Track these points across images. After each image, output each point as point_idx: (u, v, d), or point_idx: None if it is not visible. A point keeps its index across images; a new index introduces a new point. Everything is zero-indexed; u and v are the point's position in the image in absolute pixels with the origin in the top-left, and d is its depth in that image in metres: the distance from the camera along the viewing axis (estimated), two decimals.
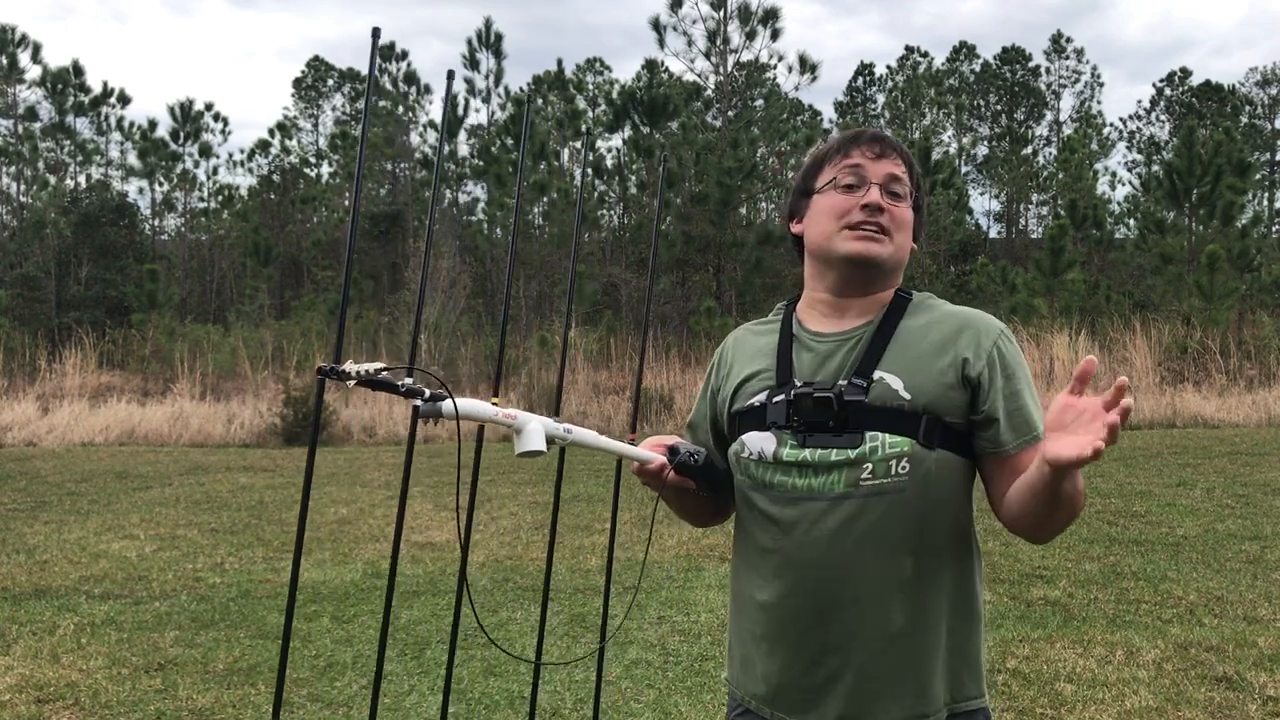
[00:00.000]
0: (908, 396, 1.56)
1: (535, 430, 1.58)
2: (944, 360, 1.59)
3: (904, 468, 1.54)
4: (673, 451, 1.69)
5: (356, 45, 76.17)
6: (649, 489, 1.72)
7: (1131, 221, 27.59)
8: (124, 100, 34.42)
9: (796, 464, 1.60)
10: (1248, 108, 43.99)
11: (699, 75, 25.82)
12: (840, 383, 1.59)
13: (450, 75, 1.74)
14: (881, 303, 1.67)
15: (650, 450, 1.70)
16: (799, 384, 1.63)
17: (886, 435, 1.55)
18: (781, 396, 1.62)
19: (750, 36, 24.56)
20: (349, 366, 1.40)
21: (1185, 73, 47.10)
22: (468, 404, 1.51)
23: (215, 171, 44.74)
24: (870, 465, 1.55)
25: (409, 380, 1.46)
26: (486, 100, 29.13)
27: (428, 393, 1.48)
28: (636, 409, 2.05)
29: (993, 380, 1.59)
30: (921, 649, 1.57)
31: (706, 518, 1.87)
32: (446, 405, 1.47)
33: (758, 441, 1.65)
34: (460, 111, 28.07)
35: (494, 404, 1.58)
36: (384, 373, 1.42)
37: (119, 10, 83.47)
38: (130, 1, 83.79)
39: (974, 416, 1.59)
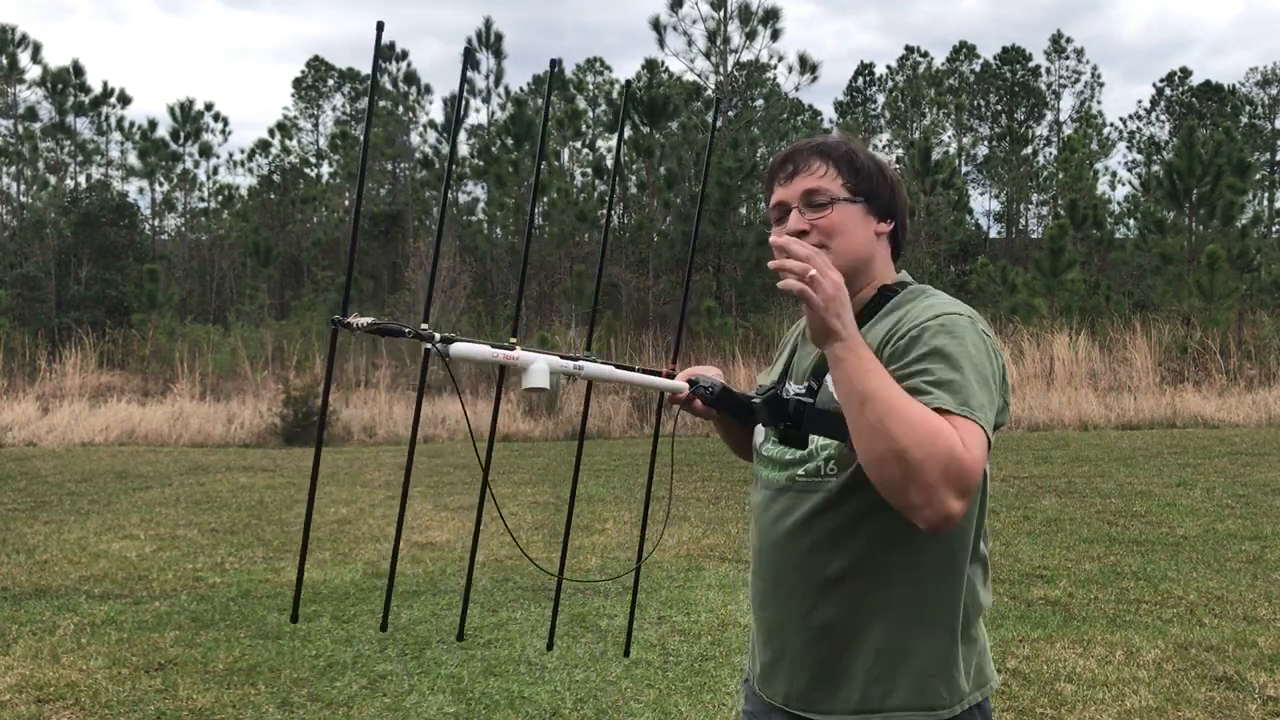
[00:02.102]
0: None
1: (539, 369, 1.64)
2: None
3: (832, 469, 1.58)
4: (693, 383, 1.77)
5: (354, 45, 76.18)
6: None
7: (1131, 221, 27.60)
8: (124, 100, 34.45)
9: (769, 458, 1.70)
10: (1248, 108, 44.02)
11: (699, 75, 25.84)
12: (796, 386, 1.66)
13: (468, 51, 1.74)
14: (860, 302, 1.65)
15: (678, 381, 1.78)
16: (768, 384, 1.75)
17: (822, 438, 1.59)
18: (770, 394, 1.71)
19: (750, 36, 24.59)
20: (354, 319, 1.54)
21: (1185, 73, 47.14)
22: (468, 346, 1.60)
23: (215, 171, 44.77)
24: (806, 465, 1.61)
25: (425, 326, 1.58)
26: (486, 100, 29.13)
27: (438, 336, 1.58)
28: (678, 343, 2.06)
29: (899, 356, 1.52)
30: (847, 648, 1.58)
31: (749, 453, 1.94)
32: (455, 346, 1.58)
33: (759, 431, 1.77)
34: (460, 111, 28.04)
35: (512, 342, 1.65)
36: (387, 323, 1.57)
37: (115, 10, 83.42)
38: (126, 1, 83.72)
39: None
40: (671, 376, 1.79)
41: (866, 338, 1.56)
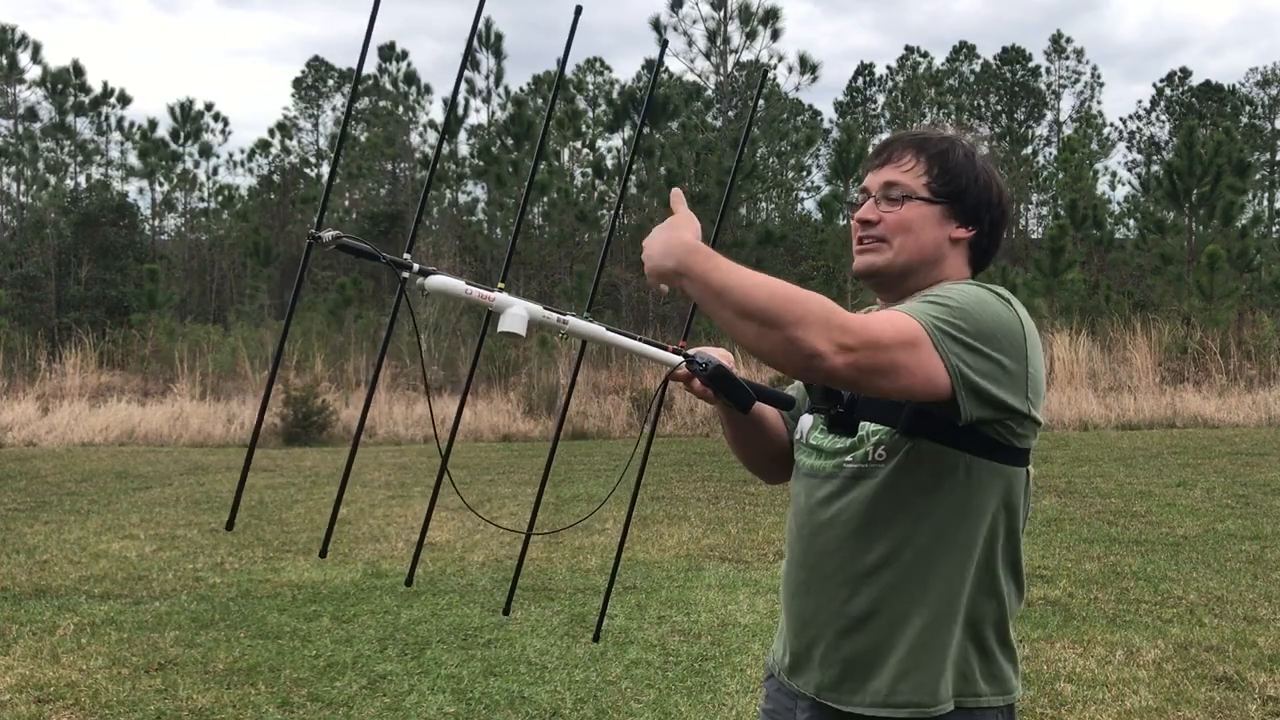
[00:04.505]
0: None
1: (516, 314, 1.57)
2: None
3: (880, 455, 1.56)
4: (688, 357, 1.67)
5: (352, 45, 76.02)
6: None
7: (1131, 221, 27.61)
8: (124, 100, 34.45)
9: (816, 446, 1.67)
10: (1248, 108, 44.01)
11: (699, 75, 25.83)
12: None
13: (480, 2, 1.67)
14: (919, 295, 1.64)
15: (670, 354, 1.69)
16: None
17: (873, 424, 1.58)
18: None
19: (750, 37, 24.59)
20: (326, 233, 1.50)
21: (1185, 73, 47.13)
22: (446, 280, 1.54)
23: (215, 171, 44.67)
24: (855, 452, 1.59)
25: (407, 255, 1.53)
26: (487, 100, 29.11)
27: (416, 265, 1.52)
28: (690, 318, 1.98)
29: None
30: (886, 639, 1.56)
31: (755, 459, 1.87)
32: (432, 280, 1.53)
33: (805, 421, 1.74)
34: (460, 111, 28.03)
35: (500, 286, 1.59)
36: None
37: (109, 8, 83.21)
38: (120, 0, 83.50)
39: None
40: (680, 353, 1.69)
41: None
